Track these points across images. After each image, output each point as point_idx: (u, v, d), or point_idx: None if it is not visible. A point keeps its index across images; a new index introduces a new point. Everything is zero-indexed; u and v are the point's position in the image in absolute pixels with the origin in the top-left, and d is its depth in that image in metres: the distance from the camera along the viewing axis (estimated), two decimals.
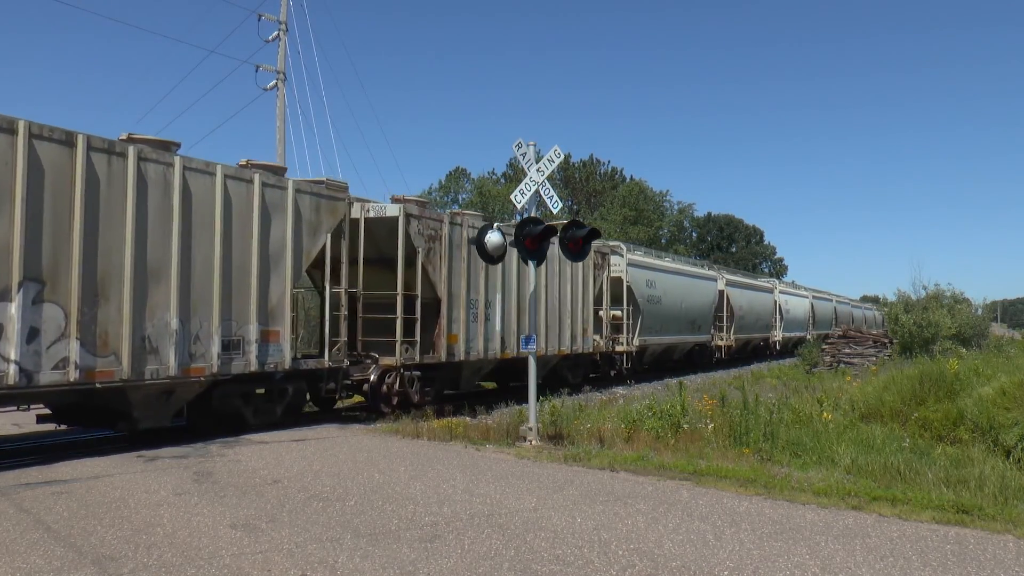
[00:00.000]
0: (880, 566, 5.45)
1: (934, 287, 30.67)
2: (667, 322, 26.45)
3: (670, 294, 26.63)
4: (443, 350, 15.16)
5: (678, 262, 30.92)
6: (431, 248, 14.96)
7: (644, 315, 24.21)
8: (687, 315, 28.14)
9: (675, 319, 27.17)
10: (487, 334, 16.43)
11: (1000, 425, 11.35)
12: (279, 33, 26.39)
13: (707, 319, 30.52)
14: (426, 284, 14.95)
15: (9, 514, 6.77)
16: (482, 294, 16.31)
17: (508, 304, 17.13)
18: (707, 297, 30.54)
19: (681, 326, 27.83)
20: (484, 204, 48.70)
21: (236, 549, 5.75)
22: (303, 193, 12.80)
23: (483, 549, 5.78)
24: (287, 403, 12.79)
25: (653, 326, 25.10)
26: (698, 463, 9.12)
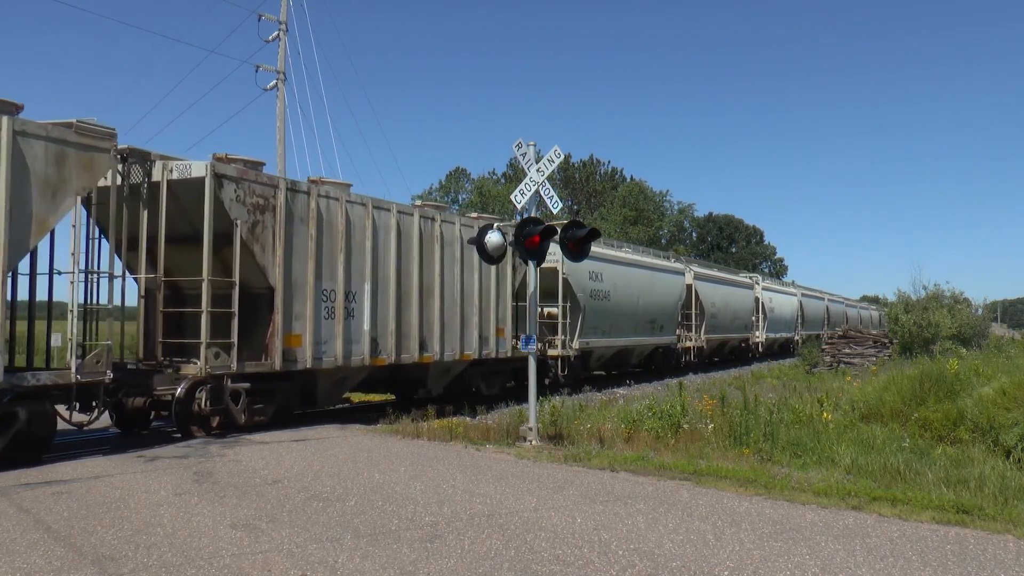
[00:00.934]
0: (880, 566, 5.45)
1: (934, 287, 30.75)
2: (618, 321, 23.13)
3: (622, 289, 23.27)
4: (278, 355, 12.17)
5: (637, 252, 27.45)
6: (258, 222, 11.87)
7: (587, 313, 20.96)
8: (645, 313, 24.94)
9: (628, 317, 23.86)
10: (349, 334, 13.52)
11: (1000, 425, 11.36)
12: (279, 33, 26.39)
13: (671, 318, 27.22)
14: (252, 268, 11.96)
15: (9, 514, 6.77)
16: (340, 283, 13.31)
17: (382, 296, 14.29)
18: (671, 293, 27.12)
19: (638, 326, 24.56)
20: (484, 204, 48.71)
21: (236, 549, 5.75)
22: (32, 137, 9.23)
23: (483, 549, 5.78)
24: (15, 434, 9.05)
25: (599, 326, 21.85)
26: (698, 463, 9.12)
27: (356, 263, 13.72)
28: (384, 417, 13.54)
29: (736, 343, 35.64)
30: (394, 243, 14.55)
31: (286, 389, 12.81)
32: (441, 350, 15.64)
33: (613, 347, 23.55)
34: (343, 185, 13.94)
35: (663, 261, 28.70)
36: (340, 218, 13.47)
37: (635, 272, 24.72)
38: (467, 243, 16.68)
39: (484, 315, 17.01)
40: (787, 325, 42.91)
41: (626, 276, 23.79)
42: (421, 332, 15.05)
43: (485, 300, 17.07)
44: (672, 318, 27.24)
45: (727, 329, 33.33)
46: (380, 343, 14.23)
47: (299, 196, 12.74)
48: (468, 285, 16.56)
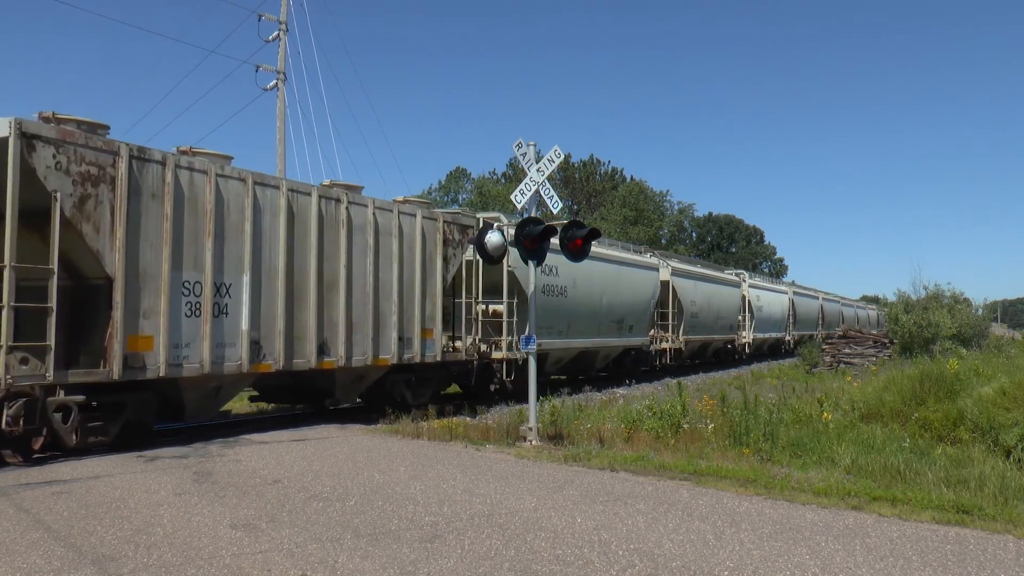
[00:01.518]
0: (880, 566, 5.45)
1: (934, 287, 30.69)
2: (578, 320, 20.82)
3: (582, 285, 20.88)
4: (117, 361, 9.92)
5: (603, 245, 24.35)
6: (90, 196, 9.71)
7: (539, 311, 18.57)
8: (610, 312, 22.51)
9: (590, 316, 21.45)
10: (221, 335, 11.25)
11: (1000, 425, 11.35)
12: (279, 33, 26.41)
13: (643, 317, 24.67)
14: (83, 254, 9.92)
15: (9, 514, 6.77)
16: (208, 273, 11.07)
17: (267, 290, 12.02)
18: (643, 289, 24.48)
19: (602, 325, 22.13)
20: (484, 204, 48.73)
21: (236, 549, 5.75)
22: None
23: (483, 549, 5.78)
24: None
25: (554, 326, 19.58)
26: (698, 463, 9.12)
27: (231, 250, 11.45)
28: (384, 417, 13.54)
29: (721, 344, 33.28)
30: (283, 227, 12.28)
31: (137, 402, 10.56)
32: (348, 354, 13.35)
33: (573, 349, 21.06)
34: (218, 157, 11.66)
35: (634, 255, 25.63)
36: (208, 195, 11.11)
37: (599, 267, 21.73)
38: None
39: (406, 313, 14.76)
40: (777, 325, 40.53)
41: (587, 271, 20.85)
42: (321, 333, 12.89)
43: (408, 296, 14.84)
44: (644, 317, 24.74)
45: (710, 330, 30.72)
46: (265, 346, 11.93)
47: (149, 166, 10.41)
48: (385, 278, 14.26)
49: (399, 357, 14.52)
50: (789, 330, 42.98)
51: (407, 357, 14.76)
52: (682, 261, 31.22)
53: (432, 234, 15.57)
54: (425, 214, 15.37)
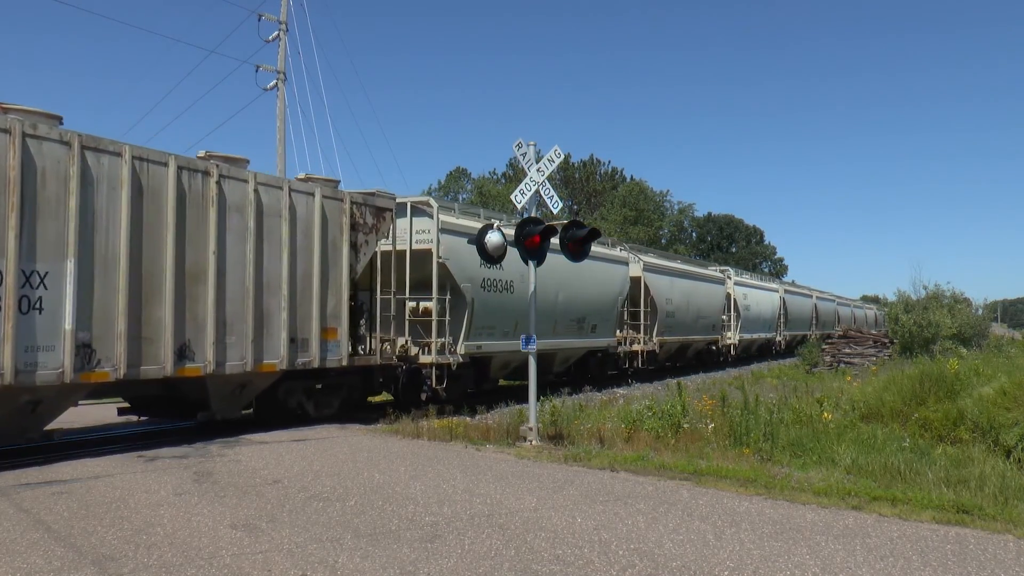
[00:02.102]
0: (880, 566, 5.45)
1: (934, 287, 30.70)
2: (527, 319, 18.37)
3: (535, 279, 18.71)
4: None
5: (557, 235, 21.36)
6: None
7: (476, 309, 16.30)
8: (568, 310, 19.96)
9: (544, 315, 18.25)
10: (32, 337, 9.10)
11: (1000, 425, 11.36)
12: (279, 33, 26.41)
13: (609, 316, 22.00)
14: None
15: (9, 514, 6.77)
16: (11, 259, 8.94)
17: (102, 281, 9.88)
18: (608, 286, 21.78)
19: (558, 325, 19.64)
20: (485, 204, 48.72)
21: (236, 549, 5.75)
22: None
23: (483, 549, 5.78)
24: None
25: (498, 325, 17.24)
26: (698, 463, 9.12)
27: (48, 230, 9.33)
28: (384, 417, 13.54)
29: (703, 346, 30.76)
30: (126, 203, 10.11)
31: None
32: (219, 359, 11.18)
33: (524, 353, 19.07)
34: (37, 114, 9.50)
35: (599, 247, 22.72)
36: (12, 160, 8.98)
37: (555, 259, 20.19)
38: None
39: (300, 310, 12.49)
40: (766, 325, 38.15)
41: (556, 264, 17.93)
42: (181, 334, 10.77)
43: (303, 290, 12.56)
44: (611, 316, 22.12)
45: (689, 330, 28.21)
46: (99, 349, 9.75)
47: None
48: (272, 269, 12.02)
49: (290, 362, 12.24)
50: (780, 330, 40.72)
51: (302, 362, 12.45)
52: (658, 256, 28.61)
53: (336, 217, 13.18)
54: (327, 193, 13.05)
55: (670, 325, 26.27)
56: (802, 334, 44.74)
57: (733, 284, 33.73)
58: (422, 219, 15.63)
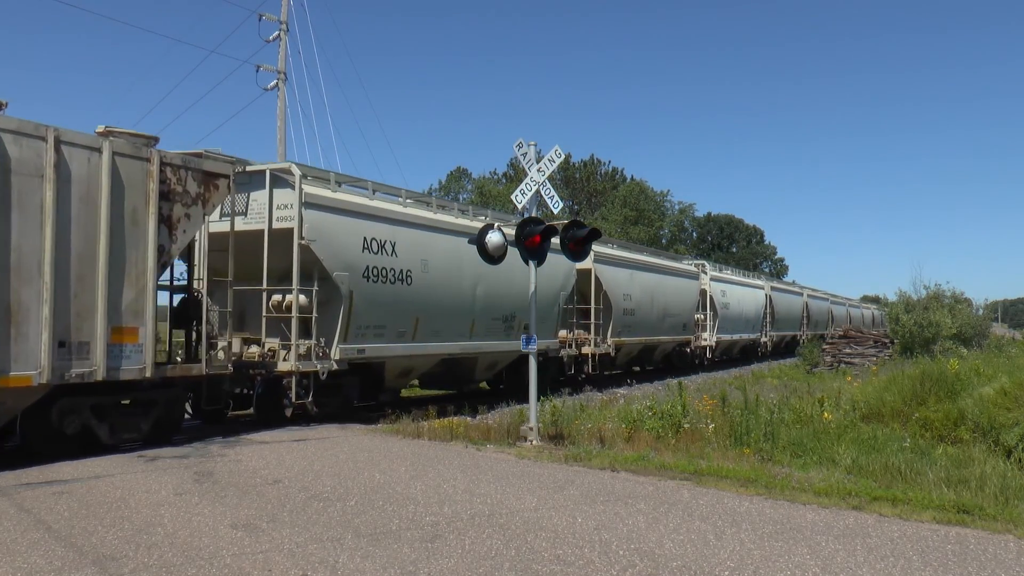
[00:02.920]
0: (881, 566, 5.45)
1: (935, 287, 30.66)
2: (434, 317, 15.25)
3: (442, 268, 15.37)
4: None
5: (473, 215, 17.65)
6: None
7: (356, 304, 13.31)
8: (492, 306, 16.89)
9: (456, 312, 15.84)
10: None
11: (1001, 425, 11.35)
12: (279, 33, 26.41)
13: (547, 314, 18.62)
14: None
15: (10, 514, 6.77)
16: None
17: None
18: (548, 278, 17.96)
19: (479, 324, 16.53)
20: (485, 204, 48.71)
21: (237, 549, 5.75)
22: None
23: (484, 549, 5.78)
24: None
25: (392, 324, 14.24)
26: (699, 463, 9.12)
27: None
28: (384, 417, 13.55)
29: (672, 348, 27.63)
30: None
31: None
32: None
33: (430, 356, 15.57)
34: None
35: None
36: None
37: (465, 245, 14.87)
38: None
39: (76, 303, 9.51)
40: (749, 325, 35.12)
41: (447, 248, 15.47)
42: None
43: (80, 277, 9.58)
44: (550, 315, 18.98)
45: (654, 329, 25.10)
46: None
47: None
48: (25, 246, 9.05)
49: (58, 373, 9.25)
50: (765, 331, 37.70)
51: (77, 373, 9.45)
52: (616, 246, 25.19)
53: (138, 182, 10.18)
54: (122, 149, 10.06)
55: (629, 324, 23.11)
56: (791, 335, 42.77)
57: (709, 280, 30.61)
58: (284, 191, 12.53)
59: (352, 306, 13.33)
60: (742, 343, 35.19)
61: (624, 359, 24.43)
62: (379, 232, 14.00)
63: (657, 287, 25.33)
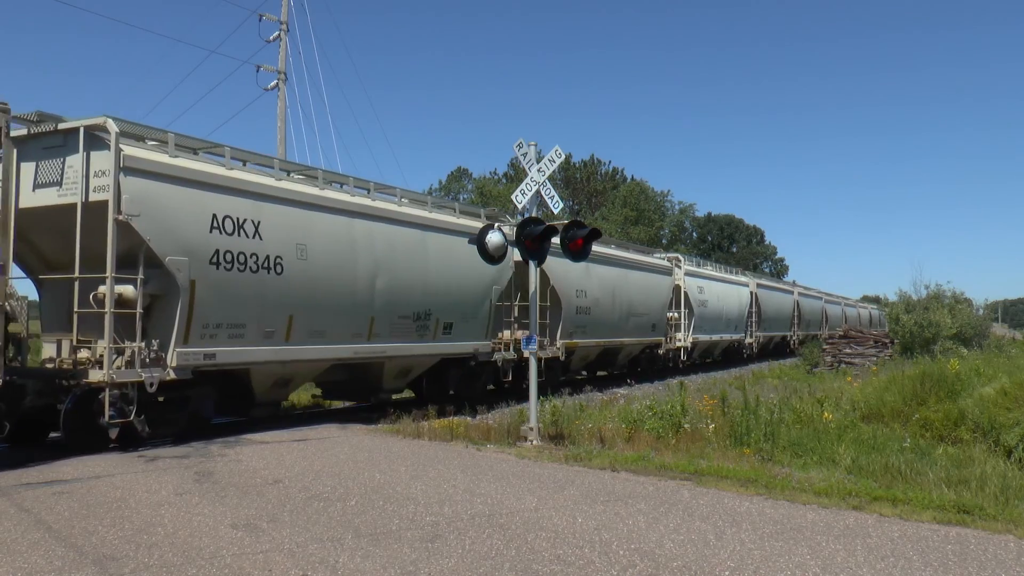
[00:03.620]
0: (881, 566, 5.45)
1: (935, 287, 30.68)
2: (316, 313, 12.57)
3: (329, 252, 12.75)
4: None
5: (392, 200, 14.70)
6: None
7: (202, 297, 10.82)
8: (396, 302, 14.14)
9: (352, 307, 13.26)
10: None
11: (1001, 425, 11.35)
12: (280, 33, 26.41)
13: (475, 312, 16.13)
14: None
15: (10, 514, 6.77)
16: None
17: None
18: (474, 271, 15.34)
19: (382, 323, 13.89)
20: (486, 204, 48.73)
21: (237, 549, 5.75)
22: None
23: (484, 549, 5.78)
24: None
25: (256, 322, 11.62)
26: (699, 463, 9.12)
27: None
28: (385, 417, 13.54)
29: (638, 350, 24.70)
30: None
31: None
32: None
33: (316, 362, 12.96)
34: None
35: (457, 217, 16.13)
36: None
37: (362, 225, 13.40)
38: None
39: None
40: (731, 324, 32.33)
41: (335, 233, 12.90)
42: None
43: None
44: (479, 313, 16.27)
45: (616, 330, 22.14)
46: None
47: None
48: None
49: None
50: (751, 331, 35.18)
51: None
52: None
53: None
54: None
55: (583, 325, 20.17)
56: (780, 335, 40.35)
57: (684, 275, 27.73)
58: (101, 154, 10.04)
59: (194, 300, 10.72)
60: (724, 344, 32.70)
61: (580, 363, 21.79)
62: (237, 208, 11.33)
63: (620, 282, 22.36)
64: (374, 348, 13.92)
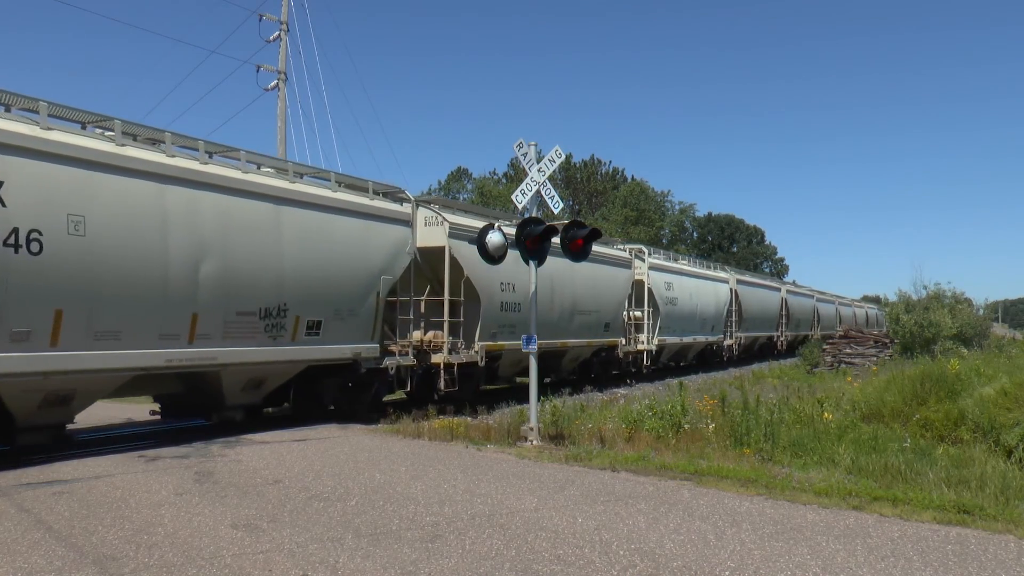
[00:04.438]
0: (881, 566, 5.45)
1: (935, 287, 30.67)
2: (108, 309, 9.71)
3: (118, 230, 9.78)
4: None
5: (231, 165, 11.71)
6: None
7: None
8: (233, 295, 11.15)
9: (161, 304, 10.28)
10: None
11: (1001, 425, 11.35)
12: (280, 33, 26.41)
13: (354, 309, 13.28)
14: None
15: (10, 514, 6.77)
16: None
17: None
18: (354, 259, 13.20)
19: (209, 321, 10.88)
20: (486, 204, 48.72)
21: (237, 549, 5.75)
22: None
23: (484, 549, 5.78)
24: None
25: (7, 322, 8.73)
26: (699, 463, 9.13)
27: None
28: (385, 417, 13.54)
29: (589, 354, 21.29)
30: None
31: None
32: None
33: (108, 373, 9.93)
34: None
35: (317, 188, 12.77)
36: None
37: (207, 198, 10.86)
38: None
39: None
40: (705, 325, 29.05)
41: (136, 203, 10.02)
42: None
43: None
44: (359, 310, 13.40)
45: (556, 331, 18.64)
46: None
47: None
48: None
49: None
50: (730, 331, 32.24)
51: None
52: (474, 214, 17.60)
53: None
54: None
55: (511, 324, 17.01)
56: (766, 336, 37.46)
57: (648, 269, 24.75)
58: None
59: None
60: (698, 347, 29.48)
61: (511, 369, 18.43)
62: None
63: (561, 275, 18.45)
64: (199, 354, 10.80)
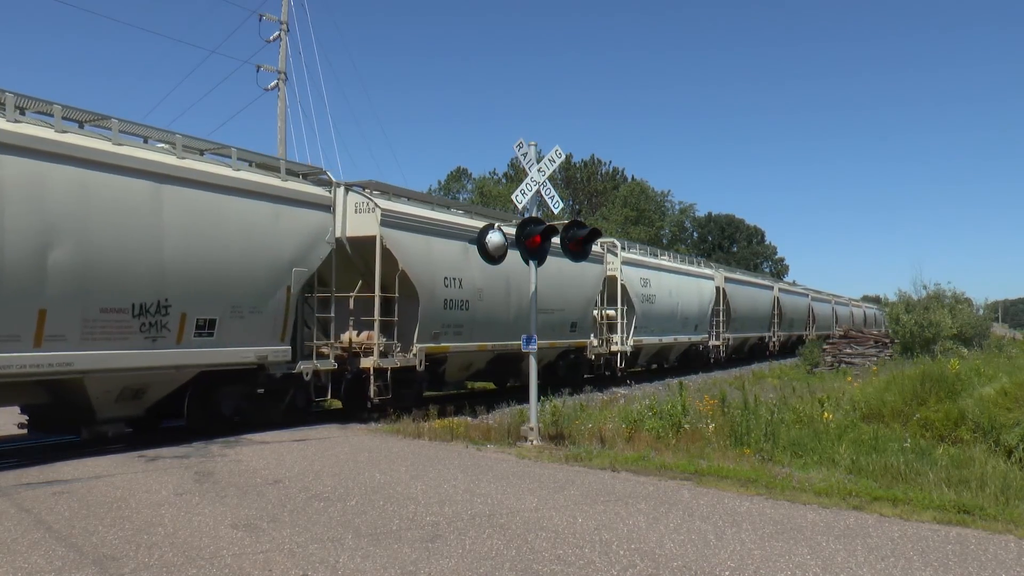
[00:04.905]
0: (881, 566, 5.45)
1: (935, 287, 30.65)
2: None
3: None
4: None
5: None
6: None
7: None
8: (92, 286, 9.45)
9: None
10: None
11: (1001, 425, 11.34)
12: (280, 33, 26.40)
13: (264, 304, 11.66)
14: None
15: (10, 514, 6.77)
16: None
17: None
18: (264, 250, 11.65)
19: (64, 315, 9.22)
20: (486, 204, 48.71)
21: (237, 549, 5.75)
22: None
23: (484, 549, 5.78)
24: None
25: None
26: (699, 463, 9.13)
27: None
28: (385, 417, 13.54)
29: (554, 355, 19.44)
30: None
31: None
32: None
33: None
34: None
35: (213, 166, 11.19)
36: None
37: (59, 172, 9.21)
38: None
39: None
40: (687, 325, 27.12)
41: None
42: None
43: None
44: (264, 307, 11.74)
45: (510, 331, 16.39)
46: None
47: None
48: None
49: None
50: (717, 331, 30.47)
51: None
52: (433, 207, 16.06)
53: None
54: None
55: (460, 323, 15.33)
56: (757, 336, 35.75)
57: (621, 264, 22.83)
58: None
59: None
60: (680, 348, 27.52)
61: (460, 373, 16.79)
62: None
63: (517, 272, 15.69)
64: (49, 358, 9.15)
